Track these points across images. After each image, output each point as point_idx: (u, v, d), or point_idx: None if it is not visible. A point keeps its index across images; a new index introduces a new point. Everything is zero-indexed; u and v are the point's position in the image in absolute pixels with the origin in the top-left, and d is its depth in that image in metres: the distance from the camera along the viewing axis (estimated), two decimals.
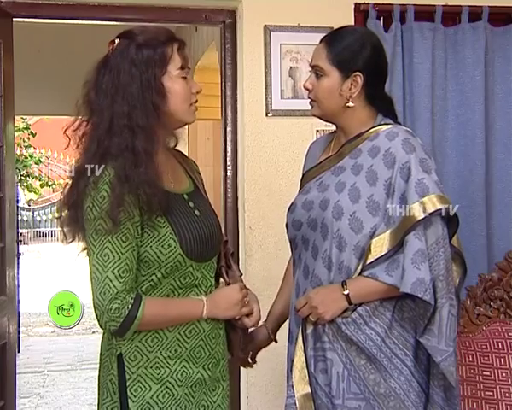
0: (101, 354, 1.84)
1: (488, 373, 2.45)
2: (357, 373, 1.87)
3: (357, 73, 1.93)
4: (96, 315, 1.68)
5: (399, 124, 2.03)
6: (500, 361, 2.45)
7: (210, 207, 1.91)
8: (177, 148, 1.95)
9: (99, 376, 1.84)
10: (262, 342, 2.14)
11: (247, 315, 1.88)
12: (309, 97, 2.02)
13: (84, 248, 1.78)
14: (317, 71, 1.97)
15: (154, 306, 1.71)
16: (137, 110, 1.71)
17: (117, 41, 1.77)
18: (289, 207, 2.12)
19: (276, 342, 2.14)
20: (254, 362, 2.15)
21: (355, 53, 1.94)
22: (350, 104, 1.95)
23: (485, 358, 2.46)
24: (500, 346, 2.47)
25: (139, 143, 1.70)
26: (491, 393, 2.43)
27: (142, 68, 1.72)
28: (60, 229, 1.84)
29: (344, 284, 1.87)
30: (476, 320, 2.56)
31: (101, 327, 1.71)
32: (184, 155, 1.99)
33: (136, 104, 1.71)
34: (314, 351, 1.93)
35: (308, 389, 1.92)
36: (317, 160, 2.10)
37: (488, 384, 2.43)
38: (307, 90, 2.01)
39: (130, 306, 1.66)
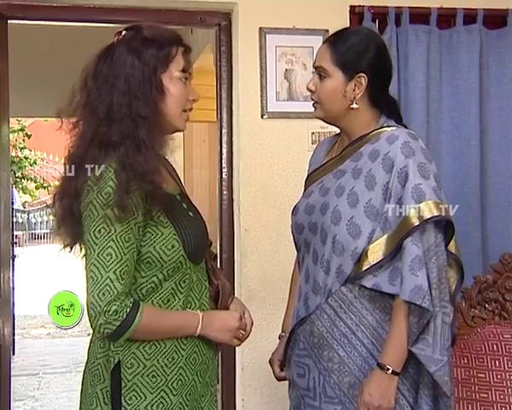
0: (89, 362, 1.76)
1: (483, 375, 2.44)
2: (332, 378, 1.87)
3: (362, 74, 1.90)
4: (91, 316, 1.61)
5: (403, 125, 1.99)
6: (495, 363, 2.44)
7: (197, 210, 1.89)
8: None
9: (83, 384, 1.77)
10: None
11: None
12: (312, 99, 1.98)
13: (84, 256, 1.71)
14: (320, 72, 1.93)
15: (151, 314, 1.67)
16: (139, 101, 1.68)
17: (124, 32, 1.75)
18: (292, 210, 2.09)
19: None
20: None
21: (359, 54, 1.90)
22: (354, 106, 1.92)
23: (480, 360, 2.46)
24: (495, 348, 2.47)
25: (141, 132, 1.66)
26: (485, 395, 2.43)
27: (144, 61, 1.70)
28: (55, 227, 1.77)
29: (380, 365, 1.81)
30: (471, 322, 2.55)
31: (93, 329, 1.64)
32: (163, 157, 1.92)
33: (137, 95, 1.68)
34: (295, 356, 1.97)
35: None
36: (321, 162, 2.07)
37: (483, 386, 2.43)
38: (310, 91, 1.97)
39: (128, 310, 1.61)
